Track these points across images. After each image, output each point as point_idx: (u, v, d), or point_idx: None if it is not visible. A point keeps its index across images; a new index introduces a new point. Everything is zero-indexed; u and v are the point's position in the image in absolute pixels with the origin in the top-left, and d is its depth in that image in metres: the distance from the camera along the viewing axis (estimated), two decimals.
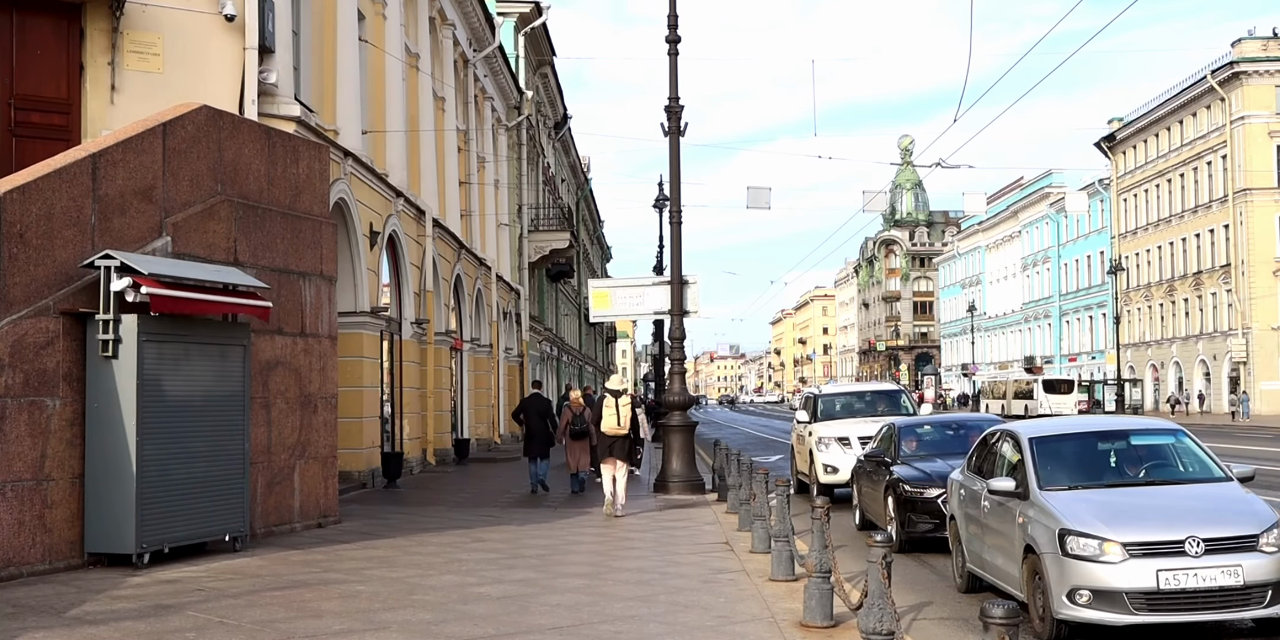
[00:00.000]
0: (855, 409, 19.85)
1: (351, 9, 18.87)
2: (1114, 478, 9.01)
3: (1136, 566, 7.58)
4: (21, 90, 13.07)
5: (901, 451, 13.81)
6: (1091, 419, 11.30)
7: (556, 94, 49.56)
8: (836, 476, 17.66)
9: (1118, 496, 8.48)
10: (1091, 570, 7.65)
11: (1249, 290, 56.08)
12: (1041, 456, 8.94)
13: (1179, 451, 9.28)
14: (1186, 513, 8.01)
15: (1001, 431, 9.88)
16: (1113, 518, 7.91)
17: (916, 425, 15.04)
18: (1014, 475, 8.93)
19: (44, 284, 9.96)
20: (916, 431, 14.65)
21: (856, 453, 17.31)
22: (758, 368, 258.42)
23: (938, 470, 12.64)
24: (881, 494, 13.18)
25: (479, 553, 11.70)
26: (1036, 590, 8.10)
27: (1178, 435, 9.40)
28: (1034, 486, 8.59)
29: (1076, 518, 7.94)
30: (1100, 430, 9.76)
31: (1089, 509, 8.09)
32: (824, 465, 17.95)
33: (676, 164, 20.31)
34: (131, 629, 7.79)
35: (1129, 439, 9.42)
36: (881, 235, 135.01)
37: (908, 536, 12.40)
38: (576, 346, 67.19)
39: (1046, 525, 8.05)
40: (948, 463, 12.79)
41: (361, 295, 18.92)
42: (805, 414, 19.96)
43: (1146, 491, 8.67)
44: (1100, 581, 7.62)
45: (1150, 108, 65.44)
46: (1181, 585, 7.53)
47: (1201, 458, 9.12)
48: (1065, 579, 7.74)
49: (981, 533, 9.45)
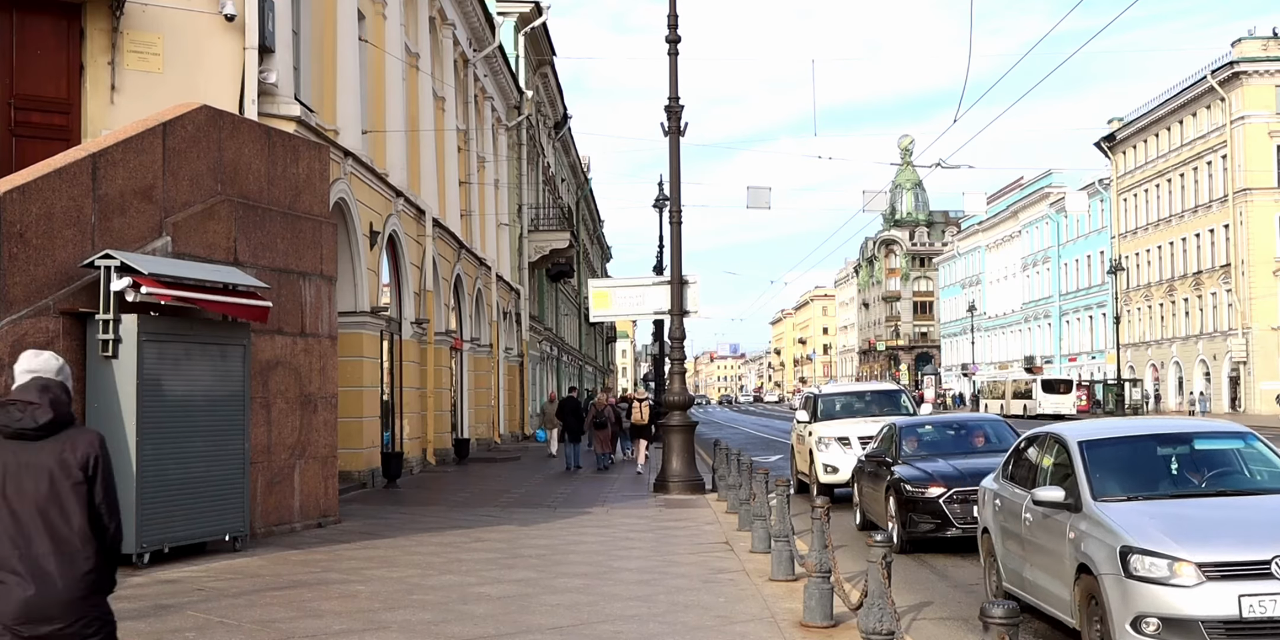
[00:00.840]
0: (855, 409, 19.78)
1: (351, 9, 18.87)
2: (1178, 487, 7.95)
3: (1215, 591, 6.50)
4: (21, 90, 13.07)
5: (903, 451, 13.70)
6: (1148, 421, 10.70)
7: (556, 94, 49.57)
8: (837, 476, 17.61)
9: (1186, 508, 7.39)
10: (1160, 595, 6.58)
11: (1249, 290, 56.08)
12: (1094, 463, 7.88)
13: (1248, 457, 8.23)
14: (1270, 528, 6.96)
15: (1043, 435, 8.88)
16: (1185, 534, 6.85)
17: (917, 425, 15.00)
18: (1063, 484, 7.85)
19: (44, 284, 9.96)
20: (918, 431, 14.57)
21: (857, 453, 17.37)
22: (758, 368, 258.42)
23: (939, 470, 12.63)
24: (883, 494, 13.08)
25: (479, 553, 11.70)
26: (1093, 617, 7.08)
27: (1247, 439, 8.38)
28: (1087, 497, 7.54)
29: (1142, 533, 6.87)
30: (1159, 433, 8.80)
31: (1155, 523, 7.01)
32: (824, 465, 17.91)
33: (676, 164, 20.31)
34: (131, 629, 7.79)
35: (1192, 443, 8.41)
36: (881, 235, 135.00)
37: (909, 537, 12.30)
38: (576, 346, 67.21)
39: (1105, 542, 7.00)
40: (949, 462, 12.85)
41: (361, 295, 18.92)
42: (805, 414, 19.90)
43: (1219, 502, 7.56)
44: (1171, 608, 6.55)
45: (1150, 108, 65.43)
46: (1269, 613, 6.44)
47: (1277, 463, 8.05)
48: (1129, 605, 6.67)
49: (1022, 549, 8.45)
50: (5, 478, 4.07)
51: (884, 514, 13.04)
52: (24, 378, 4.22)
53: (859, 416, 19.15)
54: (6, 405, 4.14)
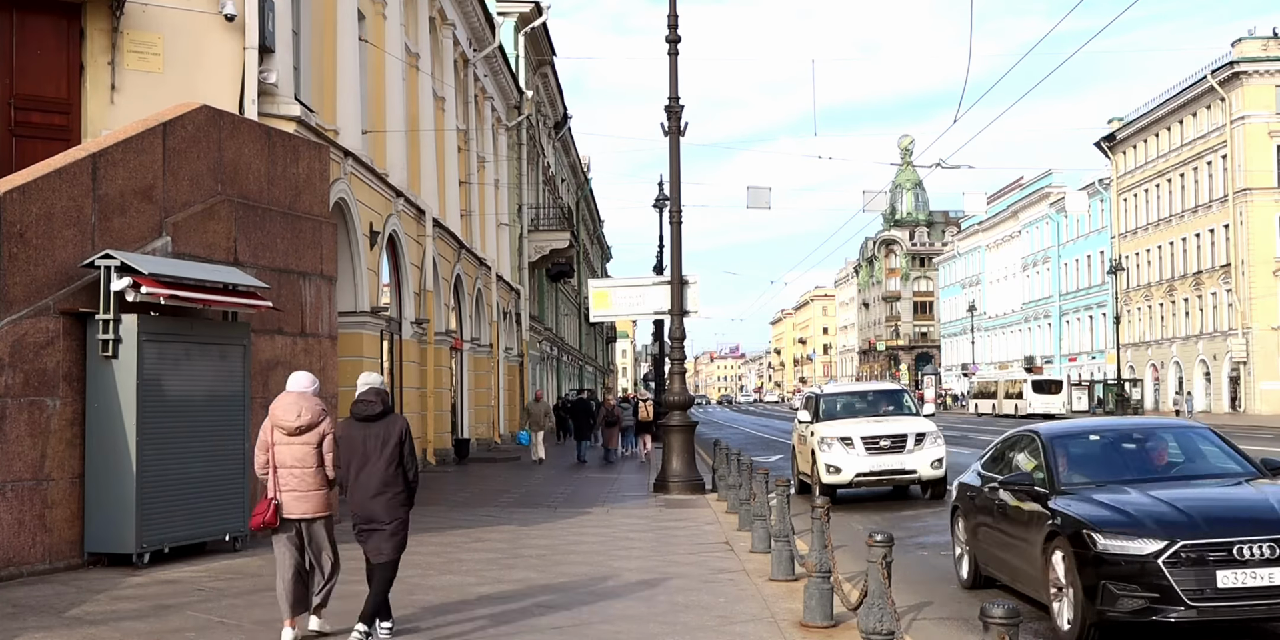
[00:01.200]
0: (857, 409, 19.59)
1: (351, 9, 18.87)
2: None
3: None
4: (21, 90, 13.07)
5: (1058, 475, 8.87)
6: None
7: (556, 94, 49.55)
8: (839, 477, 17.56)
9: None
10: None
11: (1249, 290, 56.07)
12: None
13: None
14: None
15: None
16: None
17: (1077, 433, 9.81)
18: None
19: (44, 284, 9.96)
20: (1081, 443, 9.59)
21: (860, 453, 17.49)
22: (758, 368, 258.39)
23: (1147, 509, 7.87)
24: (1040, 544, 8.33)
25: (479, 553, 11.70)
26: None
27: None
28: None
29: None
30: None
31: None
32: (826, 465, 17.68)
33: (676, 164, 20.31)
34: (131, 629, 7.80)
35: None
36: (881, 235, 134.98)
37: (1101, 617, 7.57)
38: (576, 346, 67.21)
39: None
40: (1156, 495, 8.15)
41: (361, 295, 18.92)
42: (807, 414, 19.57)
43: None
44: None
45: (1150, 108, 65.42)
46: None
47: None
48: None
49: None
50: (363, 441, 7.36)
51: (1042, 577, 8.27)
52: (363, 387, 7.50)
53: (861, 416, 19.05)
54: (358, 403, 7.43)
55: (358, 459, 7.32)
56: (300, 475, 7.48)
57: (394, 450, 7.30)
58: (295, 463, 7.47)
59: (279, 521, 7.45)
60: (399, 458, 7.32)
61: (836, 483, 17.61)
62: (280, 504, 7.45)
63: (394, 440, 7.32)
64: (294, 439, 7.47)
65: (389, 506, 7.30)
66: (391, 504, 7.31)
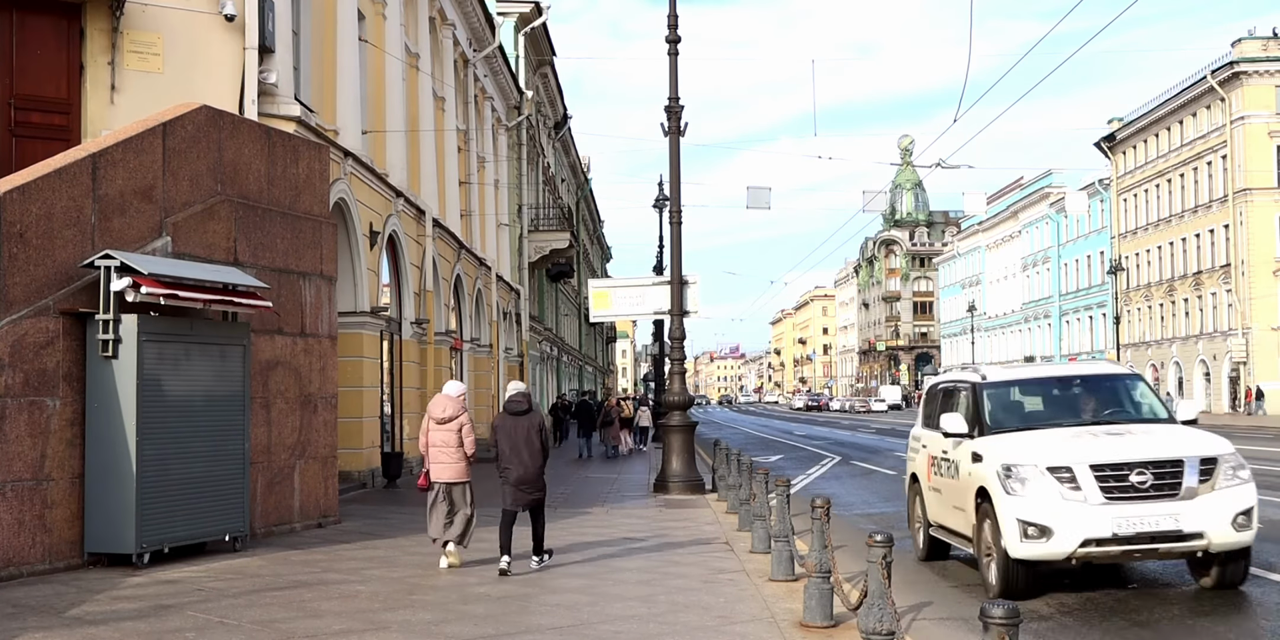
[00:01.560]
0: (1058, 411, 10.74)
1: (351, 9, 18.87)
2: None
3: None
4: (21, 90, 13.08)
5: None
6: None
7: (556, 94, 49.54)
8: (1048, 545, 9.07)
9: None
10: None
11: (1249, 290, 56.08)
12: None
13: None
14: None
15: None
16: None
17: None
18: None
19: (44, 284, 9.96)
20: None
21: (1091, 496, 9.04)
22: (758, 368, 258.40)
23: None
24: None
25: (479, 553, 11.69)
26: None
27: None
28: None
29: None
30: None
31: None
32: (1023, 522, 9.14)
33: (676, 164, 20.32)
34: (131, 629, 7.80)
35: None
36: (881, 235, 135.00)
37: None
38: (576, 346, 67.19)
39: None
40: None
41: (361, 295, 18.92)
42: (959, 420, 10.45)
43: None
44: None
45: (1150, 108, 65.41)
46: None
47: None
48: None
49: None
50: (513, 429, 10.40)
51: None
52: (513, 391, 10.68)
53: (1066, 424, 10.28)
54: (510, 401, 10.58)
55: (512, 441, 10.37)
56: (445, 452, 10.60)
57: (537, 434, 10.41)
58: (442, 444, 10.59)
59: (429, 484, 10.66)
60: (541, 440, 10.43)
61: (1044, 556, 9.19)
62: (429, 471, 10.65)
63: (536, 428, 10.42)
64: (441, 427, 10.58)
65: (537, 472, 10.47)
66: (538, 471, 10.48)
